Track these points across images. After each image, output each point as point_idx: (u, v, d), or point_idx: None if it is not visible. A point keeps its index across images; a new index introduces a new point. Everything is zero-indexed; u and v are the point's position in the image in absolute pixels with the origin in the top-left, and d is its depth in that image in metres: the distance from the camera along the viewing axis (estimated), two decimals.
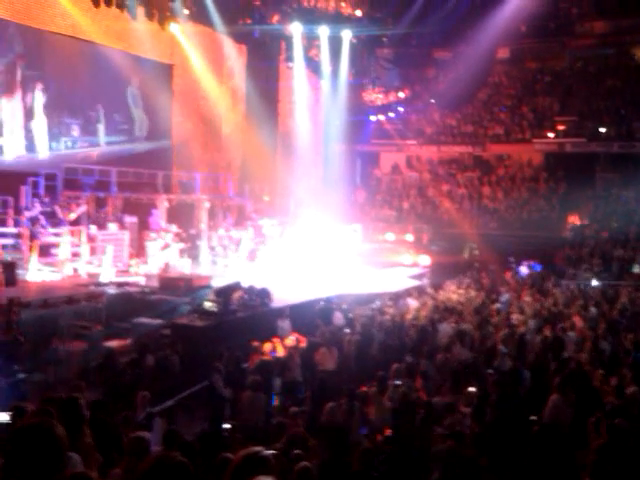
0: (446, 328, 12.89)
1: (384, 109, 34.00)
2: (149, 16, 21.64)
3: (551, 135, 30.70)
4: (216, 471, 5.28)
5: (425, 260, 23.39)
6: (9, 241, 16.97)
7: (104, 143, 22.31)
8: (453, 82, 33.32)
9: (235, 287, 13.75)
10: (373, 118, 33.54)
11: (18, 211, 17.38)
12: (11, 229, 17.22)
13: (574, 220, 26.22)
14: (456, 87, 32.67)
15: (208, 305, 13.08)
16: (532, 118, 31.90)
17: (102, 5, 19.73)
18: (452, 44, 32.91)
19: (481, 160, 32.51)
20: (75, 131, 21.46)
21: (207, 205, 21.04)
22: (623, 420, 6.51)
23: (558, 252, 23.87)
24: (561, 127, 30.63)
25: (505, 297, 16.50)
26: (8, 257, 15.19)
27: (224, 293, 13.27)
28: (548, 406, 8.14)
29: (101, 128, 22.17)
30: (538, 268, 21.42)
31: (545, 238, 24.60)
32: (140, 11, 21.17)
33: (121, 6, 20.39)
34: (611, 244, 23.10)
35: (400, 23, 29.24)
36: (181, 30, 23.45)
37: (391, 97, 34.92)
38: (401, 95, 35.08)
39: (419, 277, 20.75)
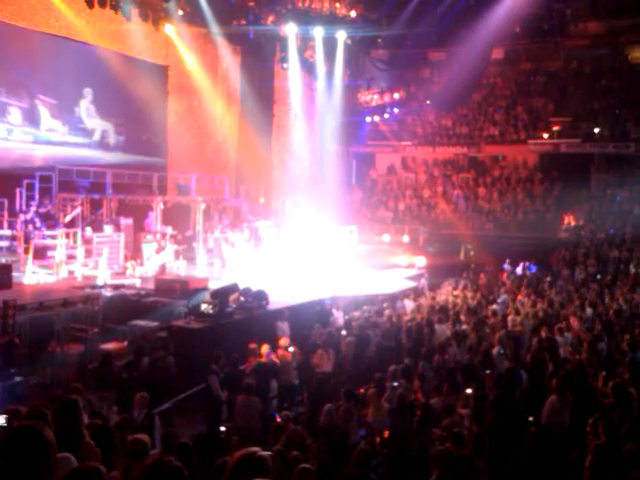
0: (443, 329, 12.90)
1: (379, 110, 34.00)
2: (143, 17, 21.65)
3: (546, 136, 30.77)
4: (213, 473, 5.27)
5: (421, 261, 23.40)
6: (4, 243, 16.97)
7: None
8: (448, 83, 33.37)
9: (232, 289, 13.71)
10: (368, 119, 33.55)
11: (13, 213, 17.34)
12: (6, 231, 17.18)
13: (569, 221, 26.28)
14: (451, 88, 32.73)
15: (204, 307, 13.05)
16: (527, 119, 31.97)
17: (96, 6, 19.72)
18: (447, 45, 32.90)
19: (476, 161, 32.58)
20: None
21: (203, 207, 21.00)
22: (621, 421, 6.53)
23: (554, 253, 23.91)
24: (556, 128, 30.69)
25: (501, 298, 16.52)
26: (3, 259, 15.14)
27: (220, 295, 13.23)
28: (545, 407, 8.15)
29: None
30: (534, 269, 21.45)
31: (540, 239, 24.65)
32: (134, 12, 21.16)
33: (115, 7, 20.37)
34: (607, 245, 23.15)
35: (395, 24, 29.25)
36: (175, 31, 23.44)
37: (386, 98, 34.92)
38: (396, 96, 35.08)
39: (415, 278, 20.75)
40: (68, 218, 17.73)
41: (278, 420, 8.29)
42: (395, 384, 9.15)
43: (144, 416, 8.00)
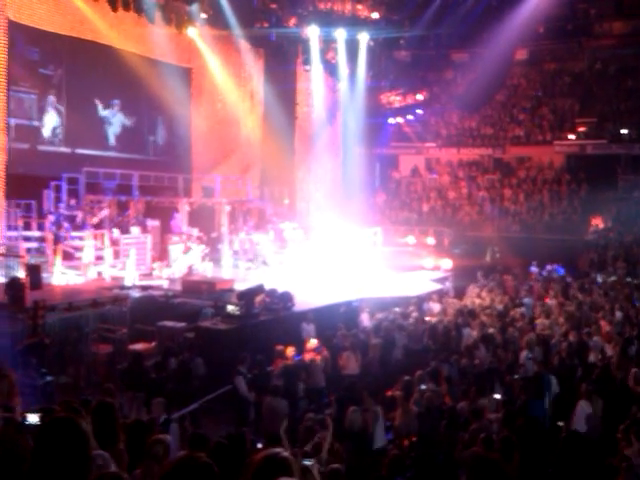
0: (470, 332, 12.82)
1: (402, 111, 33.92)
2: (167, 20, 21.80)
3: (572, 137, 30.45)
4: (239, 474, 5.29)
5: (447, 263, 23.24)
6: (33, 245, 17.18)
7: None
8: (471, 84, 33.18)
9: (258, 290, 13.78)
10: (391, 121, 33.48)
11: (41, 215, 17.57)
12: (35, 233, 17.42)
13: (597, 223, 25.96)
14: (474, 89, 32.53)
15: (231, 308, 13.12)
16: (552, 120, 31.67)
17: (120, 10, 19.94)
18: (470, 46, 32.75)
19: (501, 162, 32.33)
20: None
21: (227, 209, 21.11)
22: None
23: (581, 255, 23.64)
24: (582, 129, 30.38)
25: (529, 301, 16.36)
26: (32, 260, 15.34)
27: (247, 296, 13.30)
28: (575, 412, 8.06)
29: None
30: (561, 271, 21.20)
31: (568, 241, 24.37)
32: (158, 15, 21.33)
33: (139, 11, 20.57)
34: (636, 247, 22.83)
35: (417, 25, 29.16)
36: (199, 34, 23.57)
37: (409, 99, 34.79)
38: (419, 97, 34.96)
39: (441, 281, 20.62)
40: (96, 220, 17.91)
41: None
42: (423, 387, 9.10)
43: (162, 421, 8.03)
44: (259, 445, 8.02)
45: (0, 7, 16.69)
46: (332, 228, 21.24)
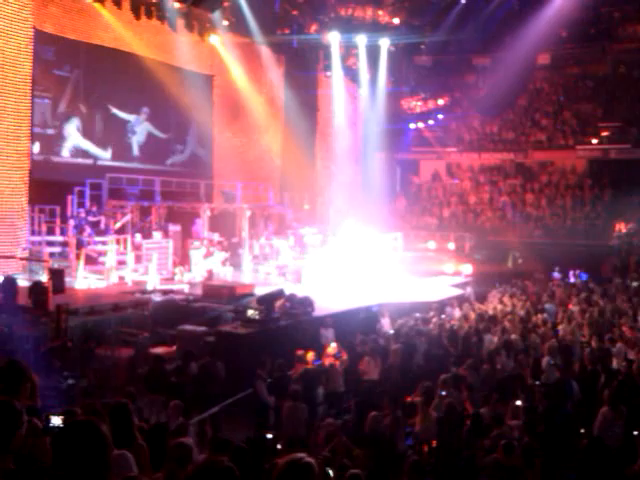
0: (491, 338, 12.73)
1: (423, 116, 33.84)
2: (189, 28, 21.99)
3: (595, 141, 30.12)
4: (260, 478, 5.30)
5: (468, 269, 23.11)
6: (57, 249, 17.41)
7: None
8: (493, 88, 32.97)
9: (278, 295, 13.81)
10: (412, 126, 33.40)
11: (65, 220, 17.81)
12: (58, 237, 17.66)
13: (620, 228, 25.64)
14: (496, 93, 32.32)
15: (251, 313, 13.16)
16: (575, 124, 31.37)
17: (143, 18, 20.18)
18: (491, 50, 32.56)
19: (523, 167, 32.07)
20: None
21: (248, 214, 21.23)
22: None
23: (605, 261, 23.37)
24: (605, 133, 30.02)
25: (552, 307, 16.21)
26: (56, 265, 15.54)
27: (267, 301, 13.33)
28: (598, 419, 7.97)
29: None
30: (584, 277, 20.98)
31: (591, 246, 24.12)
32: (180, 23, 21.55)
33: (162, 18, 20.80)
34: None
35: (438, 30, 29.05)
36: (221, 41, 23.76)
37: (430, 104, 34.70)
38: (440, 102, 34.85)
39: (462, 286, 20.51)
40: (118, 225, 18.13)
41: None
42: (443, 393, 9.06)
43: (179, 424, 8.06)
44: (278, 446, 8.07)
45: (26, 16, 16.96)
46: (352, 233, 21.24)
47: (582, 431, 8.10)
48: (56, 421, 3.73)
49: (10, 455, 2.96)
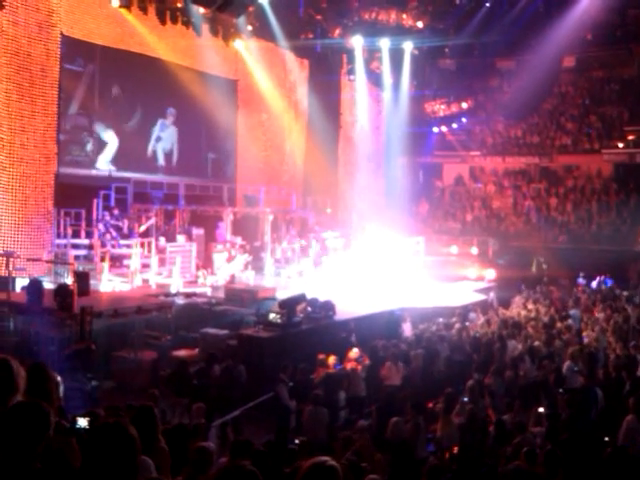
0: (515, 344, 12.62)
1: (447, 120, 33.69)
2: (214, 33, 22.15)
3: (621, 145, 29.74)
4: None
5: (491, 274, 22.94)
6: (82, 252, 17.62)
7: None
8: (517, 92, 32.70)
9: (299, 299, 13.84)
10: (435, 129, 33.28)
11: (90, 223, 18.03)
12: (84, 241, 17.88)
13: None
14: (521, 97, 32.05)
15: (272, 316, 13.20)
16: (600, 128, 31.00)
17: (168, 23, 20.39)
18: (516, 54, 32.33)
19: (548, 171, 31.77)
20: None
21: (271, 218, 21.31)
22: None
23: (630, 266, 23.03)
24: (631, 137, 29.63)
25: (576, 313, 16.02)
26: (81, 268, 15.73)
27: (288, 305, 13.36)
28: (623, 427, 7.86)
29: None
30: (610, 283, 20.70)
31: (616, 252, 23.79)
32: (205, 28, 21.71)
33: (187, 23, 20.98)
34: None
35: (462, 33, 28.94)
36: (245, 46, 23.89)
37: (454, 108, 34.56)
38: (464, 106, 34.69)
39: (485, 291, 20.35)
40: (143, 228, 18.31)
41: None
42: (465, 399, 9.01)
43: (196, 425, 8.10)
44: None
45: (54, 22, 17.24)
46: (375, 237, 21.21)
47: (606, 439, 7.97)
48: (82, 422, 3.79)
49: (37, 455, 3.01)
